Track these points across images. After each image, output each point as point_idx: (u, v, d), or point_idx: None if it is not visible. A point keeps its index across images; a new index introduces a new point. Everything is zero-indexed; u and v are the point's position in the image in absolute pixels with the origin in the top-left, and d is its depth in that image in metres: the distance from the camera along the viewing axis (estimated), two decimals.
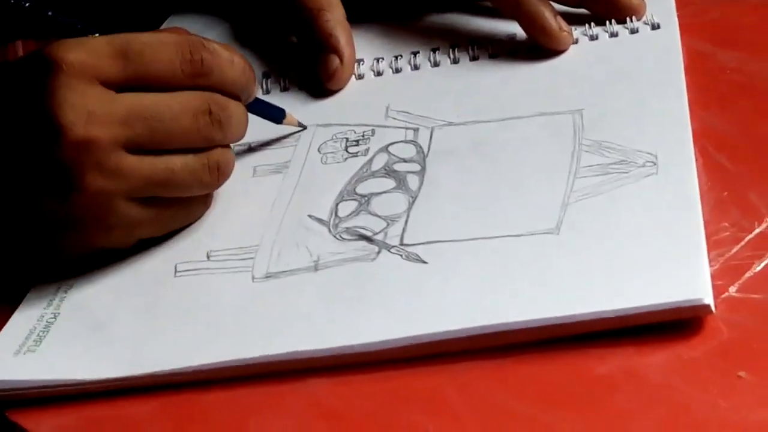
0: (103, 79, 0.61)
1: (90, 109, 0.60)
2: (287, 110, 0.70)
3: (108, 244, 0.63)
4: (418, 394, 0.55)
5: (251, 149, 0.70)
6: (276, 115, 0.70)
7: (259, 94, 0.75)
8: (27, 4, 0.63)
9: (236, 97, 0.65)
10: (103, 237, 0.62)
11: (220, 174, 0.64)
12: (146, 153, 0.61)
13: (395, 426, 0.54)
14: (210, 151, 0.63)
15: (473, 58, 0.74)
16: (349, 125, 0.71)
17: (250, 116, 0.67)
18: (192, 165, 0.63)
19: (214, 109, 0.63)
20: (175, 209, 0.64)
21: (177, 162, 0.62)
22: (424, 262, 0.60)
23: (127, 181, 0.61)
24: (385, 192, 0.65)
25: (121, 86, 0.61)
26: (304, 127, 0.71)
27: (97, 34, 0.64)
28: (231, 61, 0.64)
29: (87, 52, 0.61)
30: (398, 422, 0.54)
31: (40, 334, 0.61)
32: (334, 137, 0.70)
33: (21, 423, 0.57)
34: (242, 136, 0.65)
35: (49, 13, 0.64)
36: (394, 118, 0.71)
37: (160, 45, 0.62)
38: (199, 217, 0.66)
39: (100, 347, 0.59)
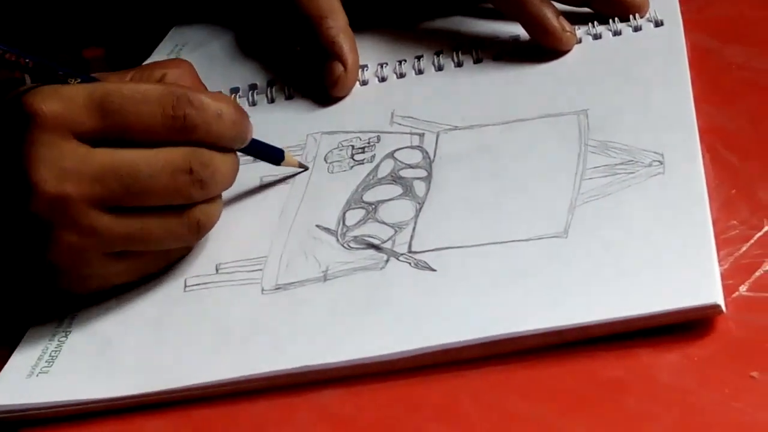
0: (78, 132, 0.59)
1: (62, 166, 0.59)
2: (286, 150, 0.68)
3: (86, 290, 0.62)
4: (431, 402, 0.55)
5: (257, 160, 0.70)
6: (275, 156, 0.67)
7: (264, 103, 0.76)
8: None
9: (226, 148, 0.62)
10: (80, 285, 0.62)
11: (200, 230, 0.62)
12: (123, 210, 0.60)
13: None
14: (190, 210, 0.61)
15: (477, 61, 0.74)
16: (355, 132, 0.71)
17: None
18: (170, 224, 0.61)
19: (195, 167, 0.60)
20: (153, 258, 0.63)
21: (154, 222, 0.60)
22: (433, 270, 0.60)
23: (101, 239, 0.60)
24: (392, 199, 0.65)
25: (97, 139, 0.60)
26: (306, 168, 0.68)
27: (78, 80, 0.61)
28: (218, 114, 0.61)
29: (63, 104, 0.59)
30: (412, 431, 0.54)
31: (53, 354, 0.61)
32: (339, 145, 0.70)
33: None
34: (229, 186, 0.63)
35: (28, 63, 0.61)
36: (400, 124, 0.71)
37: (141, 99, 0.60)
38: (180, 258, 0.64)
39: (112, 365, 0.59)
